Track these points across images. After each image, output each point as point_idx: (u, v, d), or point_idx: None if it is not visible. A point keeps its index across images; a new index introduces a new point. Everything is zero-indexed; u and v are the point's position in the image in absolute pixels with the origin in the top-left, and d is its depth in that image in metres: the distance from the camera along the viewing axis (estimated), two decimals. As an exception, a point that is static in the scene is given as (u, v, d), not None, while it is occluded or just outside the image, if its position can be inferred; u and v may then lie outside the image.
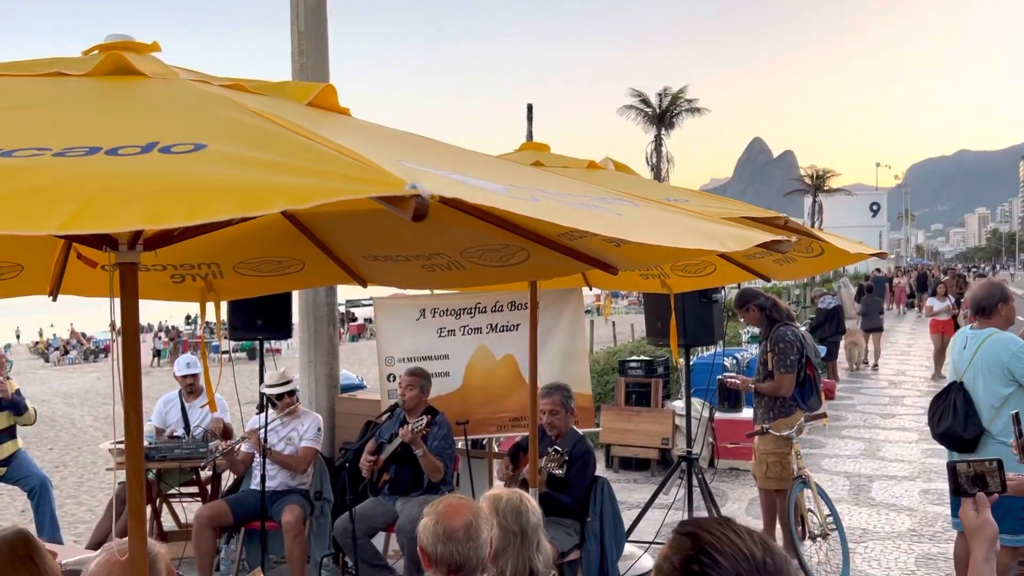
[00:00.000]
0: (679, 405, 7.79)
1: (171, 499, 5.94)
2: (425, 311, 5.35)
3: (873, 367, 15.46)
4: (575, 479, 4.40)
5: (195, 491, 5.89)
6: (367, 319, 40.15)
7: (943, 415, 4.30)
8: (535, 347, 4.04)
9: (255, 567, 5.03)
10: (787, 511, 5.02)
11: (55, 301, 3.17)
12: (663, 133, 47.46)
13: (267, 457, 4.92)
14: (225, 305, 5.14)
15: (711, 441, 8.04)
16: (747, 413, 7.40)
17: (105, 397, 19.67)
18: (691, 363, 6.16)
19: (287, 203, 1.06)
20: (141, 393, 2.12)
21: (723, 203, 3.21)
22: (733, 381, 5.69)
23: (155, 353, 33.85)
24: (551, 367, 5.09)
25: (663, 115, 47.35)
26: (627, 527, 5.23)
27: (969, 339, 4.30)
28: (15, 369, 6.26)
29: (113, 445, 5.59)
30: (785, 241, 1.96)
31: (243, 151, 1.24)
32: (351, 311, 44.27)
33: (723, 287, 5.99)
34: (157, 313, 53.58)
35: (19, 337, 54.34)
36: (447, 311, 5.32)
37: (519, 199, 1.40)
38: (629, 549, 5.28)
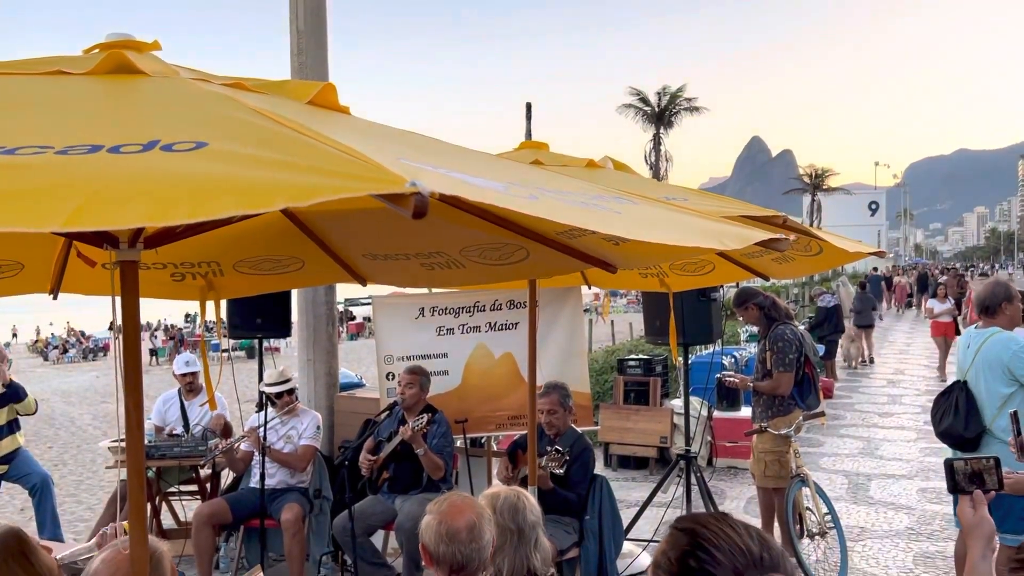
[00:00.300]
0: (678, 404, 7.80)
1: (171, 497, 5.95)
2: (424, 310, 5.36)
3: (869, 360, 15.62)
4: (576, 477, 4.41)
5: (194, 489, 5.90)
6: (366, 318, 40.12)
7: (945, 414, 4.30)
8: (534, 346, 4.04)
9: (254, 565, 5.03)
10: (785, 509, 5.03)
11: (56, 299, 3.16)
12: (662, 132, 47.45)
13: (266, 455, 4.93)
14: (225, 304, 5.15)
15: (709, 440, 8.05)
16: (745, 412, 7.40)
17: (104, 395, 19.66)
18: (690, 362, 6.17)
19: (288, 200, 1.07)
20: (142, 391, 2.12)
21: (722, 202, 3.21)
22: (732, 380, 5.69)
23: (152, 352, 33.44)
24: (550, 366, 5.09)
25: (662, 114, 47.34)
26: (625, 525, 5.24)
27: (973, 338, 4.30)
28: (14, 367, 6.25)
29: (113, 443, 5.60)
30: (783, 239, 1.97)
31: (244, 149, 1.24)
32: (350, 310, 44.21)
33: (722, 286, 6.01)
34: (156, 312, 53.41)
35: (16, 336, 53.33)
36: (446, 310, 5.33)
37: (518, 197, 1.41)
38: (627, 547, 5.30)
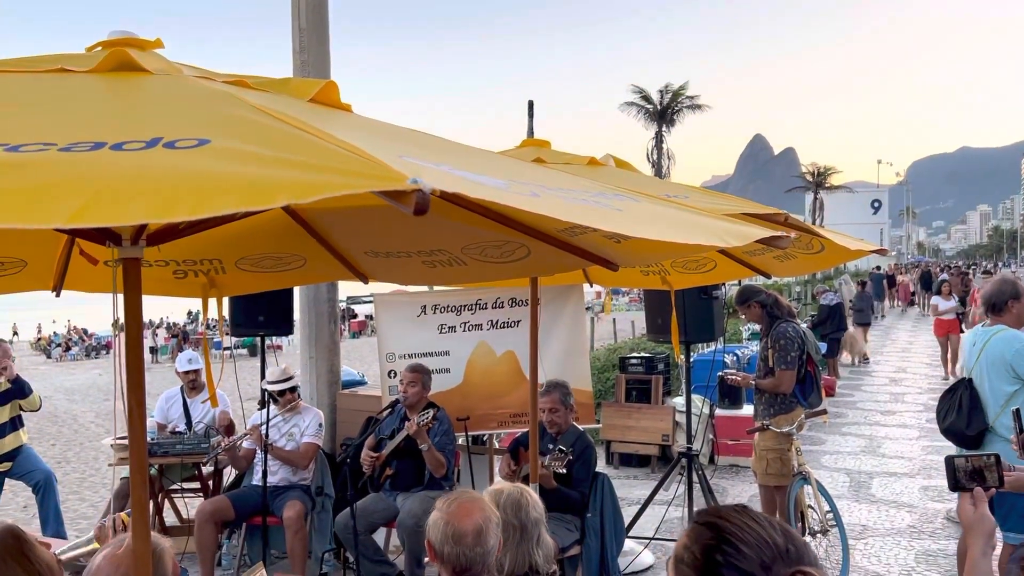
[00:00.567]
0: (679, 402, 7.81)
1: (173, 494, 5.97)
2: (426, 308, 5.36)
3: (864, 358, 15.76)
4: (578, 476, 4.42)
5: (197, 486, 5.92)
6: (368, 316, 40.13)
7: (949, 411, 4.30)
8: (536, 344, 4.05)
9: (256, 562, 5.03)
10: (787, 507, 5.04)
11: (58, 296, 3.17)
12: (664, 130, 47.40)
13: (268, 453, 4.94)
14: (227, 301, 5.15)
15: (711, 437, 8.06)
16: (747, 410, 7.41)
17: (107, 393, 19.68)
18: (691, 360, 6.17)
19: (290, 198, 1.07)
20: (144, 389, 2.12)
21: (724, 199, 3.21)
22: (734, 378, 5.69)
23: (151, 350, 33.27)
24: (552, 363, 5.10)
25: (664, 112, 47.29)
26: (627, 523, 5.25)
27: (978, 336, 4.29)
28: (17, 365, 6.28)
29: (115, 441, 5.61)
30: (784, 237, 1.97)
31: (246, 146, 1.24)
32: (352, 307, 44.23)
33: (723, 284, 6.00)
34: (159, 310, 53.36)
35: (17, 334, 52.96)
36: (448, 308, 5.33)
37: (520, 195, 1.41)
38: (629, 545, 5.30)
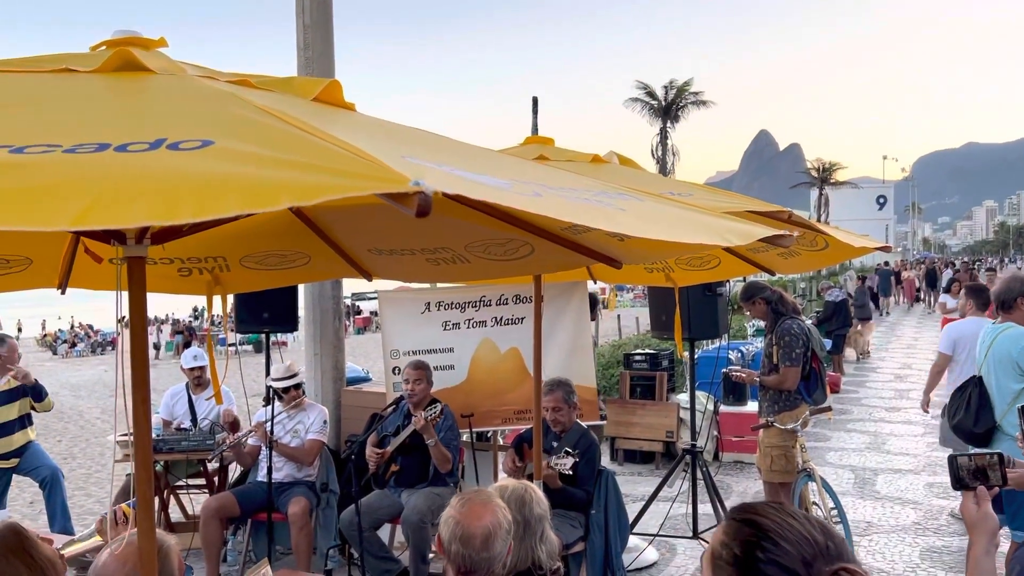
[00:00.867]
0: (684, 398, 7.81)
1: (178, 491, 5.99)
2: (430, 304, 5.37)
3: (864, 353, 15.82)
4: (583, 473, 4.42)
5: (202, 483, 5.94)
6: (373, 312, 40.18)
7: (958, 409, 4.28)
8: (540, 340, 4.05)
9: (262, 558, 5.06)
10: (792, 504, 5.04)
11: (63, 294, 3.18)
12: (669, 125, 47.28)
13: (273, 449, 4.95)
14: (232, 298, 5.17)
15: (715, 434, 8.05)
16: (752, 406, 7.41)
17: (112, 389, 19.64)
18: (696, 356, 6.17)
19: (293, 200, 1.08)
20: (149, 385, 2.13)
21: (728, 197, 3.22)
22: (738, 374, 5.69)
23: (154, 347, 33.20)
24: (556, 360, 5.10)
25: (669, 107, 47.18)
26: (631, 519, 5.25)
27: (988, 334, 4.27)
28: (23, 361, 6.32)
29: (121, 437, 5.63)
30: (787, 236, 1.97)
31: (250, 148, 1.25)
32: (357, 304, 44.30)
33: (728, 280, 6.00)
34: (163, 307, 53.35)
35: (21, 330, 52.81)
36: (452, 304, 5.34)
37: (522, 195, 1.41)
38: (633, 541, 5.31)
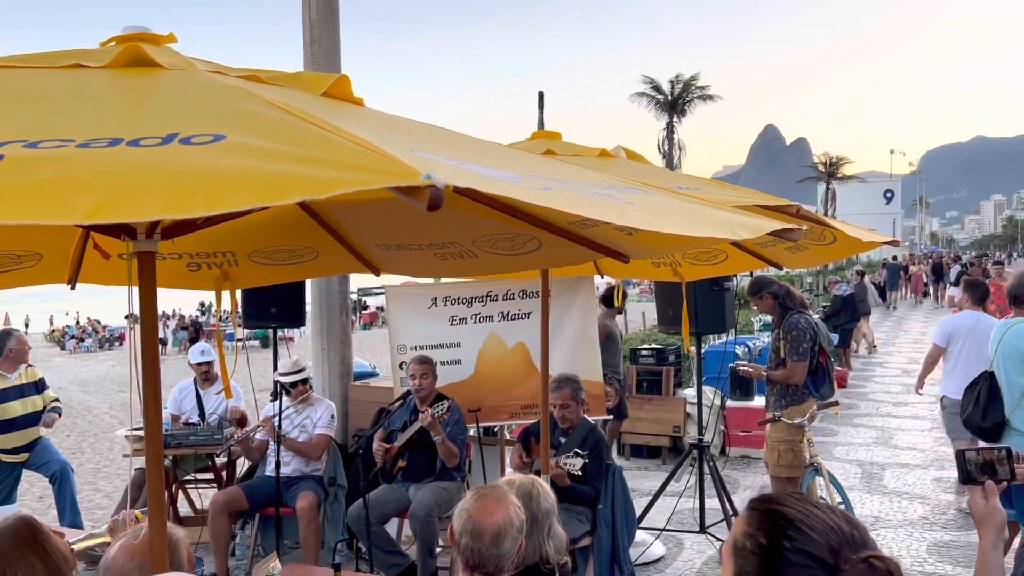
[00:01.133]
0: (690, 393, 7.80)
1: (187, 485, 6.02)
2: (437, 299, 5.37)
3: (872, 346, 15.81)
4: (591, 469, 4.42)
5: (210, 477, 5.97)
6: (380, 307, 40.23)
7: (968, 404, 4.28)
8: (547, 335, 4.05)
9: (270, 552, 5.07)
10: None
11: (73, 289, 3.20)
12: (675, 120, 47.16)
13: (281, 444, 4.97)
14: (240, 293, 5.18)
15: (722, 429, 8.04)
16: (759, 401, 7.40)
17: (121, 384, 19.82)
18: (703, 351, 6.16)
19: (304, 194, 1.08)
20: (159, 380, 2.14)
21: (735, 191, 3.21)
22: (745, 369, 5.69)
23: (161, 342, 33.33)
24: (562, 355, 5.10)
25: (675, 102, 47.04)
26: (638, 514, 5.26)
27: (998, 329, 4.26)
28: (32, 357, 6.37)
29: (129, 432, 5.66)
30: (796, 229, 1.97)
31: (261, 142, 1.26)
32: (364, 299, 44.36)
33: (735, 275, 5.99)
34: (170, 302, 53.41)
35: (28, 326, 52.79)
36: (459, 299, 5.34)
37: (532, 188, 1.42)
38: (640, 536, 5.32)
